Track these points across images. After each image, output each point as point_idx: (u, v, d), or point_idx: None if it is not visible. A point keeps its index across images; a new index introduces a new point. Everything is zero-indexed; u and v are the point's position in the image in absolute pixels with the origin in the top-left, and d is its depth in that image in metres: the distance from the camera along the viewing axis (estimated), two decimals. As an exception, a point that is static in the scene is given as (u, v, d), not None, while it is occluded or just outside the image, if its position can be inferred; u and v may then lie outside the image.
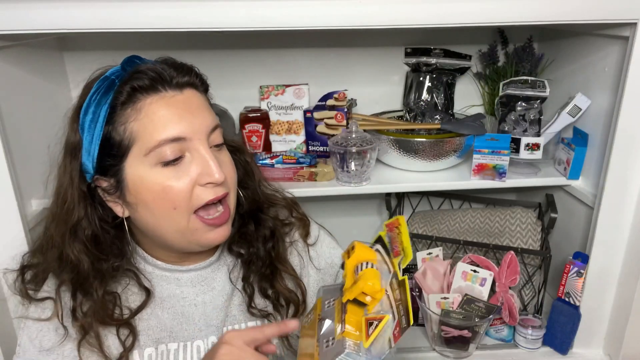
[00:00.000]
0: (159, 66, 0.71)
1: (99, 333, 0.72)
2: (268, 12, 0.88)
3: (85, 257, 0.72)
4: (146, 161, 0.68)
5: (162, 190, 0.69)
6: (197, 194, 0.70)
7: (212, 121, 0.73)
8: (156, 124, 0.68)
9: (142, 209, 0.71)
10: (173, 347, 0.77)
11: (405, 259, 0.65)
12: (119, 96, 0.68)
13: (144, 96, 0.68)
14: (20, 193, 0.95)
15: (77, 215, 0.72)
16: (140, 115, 0.68)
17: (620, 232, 1.05)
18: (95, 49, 1.26)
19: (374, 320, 0.61)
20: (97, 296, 0.72)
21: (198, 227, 0.72)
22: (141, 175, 0.69)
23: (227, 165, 0.75)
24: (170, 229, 0.72)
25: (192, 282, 0.80)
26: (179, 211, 0.70)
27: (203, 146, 0.70)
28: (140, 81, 0.68)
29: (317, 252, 0.91)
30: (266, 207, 0.87)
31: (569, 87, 1.21)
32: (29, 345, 0.72)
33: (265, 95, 1.27)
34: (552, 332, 1.16)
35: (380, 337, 0.60)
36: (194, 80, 0.74)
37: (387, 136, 1.18)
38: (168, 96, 0.69)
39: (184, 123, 0.69)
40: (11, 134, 0.94)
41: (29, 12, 0.84)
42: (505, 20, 0.93)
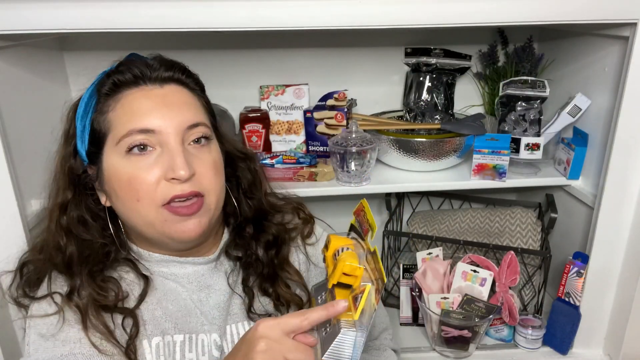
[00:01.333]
0: (145, 61, 0.72)
1: (104, 320, 0.71)
2: (268, 12, 0.88)
3: (71, 239, 0.73)
4: (117, 150, 0.70)
5: (127, 180, 0.69)
6: (162, 189, 0.69)
7: (192, 118, 0.72)
8: (128, 115, 0.69)
9: (114, 199, 0.73)
10: (179, 339, 0.76)
11: (372, 232, 0.68)
12: (102, 88, 0.71)
13: (125, 89, 0.71)
14: (20, 193, 0.95)
15: (64, 197, 0.74)
16: (117, 106, 0.70)
17: (620, 232, 1.05)
18: (95, 49, 1.26)
19: (358, 294, 0.62)
20: (89, 279, 0.72)
21: (167, 218, 0.70)
22: (113, 164, 0.71)
23: (204, 165, 0.72)
24: (138, 220, 0.72)
25: (189, 278, 0.79)
26: (142, 203, 0.69)
27: (174, 141, 0.69)
28: (122, 75, 0.71)
29: (318, 251, 0.91)
30: (271, 214, 0.87)
31: (569, 87, 1.21)
32: (41, 341, 0.71)
33: (265, 95, 1.27)
34: (552, 332, 1.16)
35: (366, 305, 0.61)
36: (178, 76, 0.74)
37: (387, 136, 1.18)
38: (147, 89, 0.71)
39: (155, 115, 0.69)
40: (11, 134, 0.94)
41: (29, 12, 0.84)
42: (505, 20, 0.93)
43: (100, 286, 0.72)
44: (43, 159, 0.81)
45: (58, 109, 0.78)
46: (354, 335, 0.60)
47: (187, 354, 0.76)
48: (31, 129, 1.03)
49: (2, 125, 0.91)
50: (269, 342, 0.58)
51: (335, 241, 0.70)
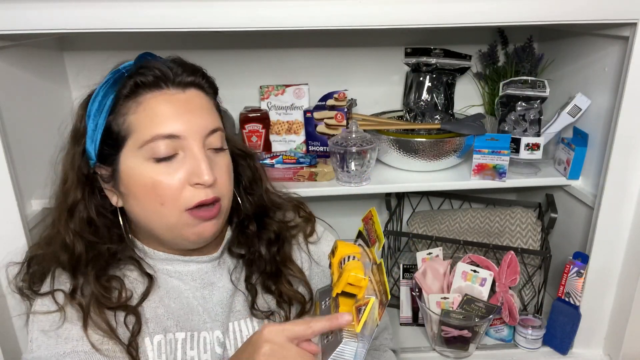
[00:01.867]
0: (166, 64, 0.72)
1: (106, 318, 0.71)
2: (268, 12, 0.89)
3: (79, 239, 0.73)
4: (139, 154, 0.70)
5: (151, 185, 0.69)
6: (187, 194, 0.70)
7: (212, 123, 0.73)
8: (153, 119, 0.69)
9: (132, 201, 0.72)
10: (180, 337, 0.77)
11: (379, 244, 0.68)
12: (123, 89, 0.70)
13: (146, 91, 0.70)
14: (20, 193, 0.95)
15: (74, 198, 0.74)
16: (139, 109, 0.69)
17: (620, 232, 1.05)
18: (95, 49, 1.26)
19: (361, 306, 0.63)
20: (95, 279, 0.72)
21: (189, 222, 0.72)
22: (133, 167, 0.70)
23: (221, 169, 0.74)
24: (158, 223, 0.72)
25: (193, 276, 0.79)
26: (166, 207, 0.70)
27: (197, 146, 0.70)
28: (144, 76, 0.70)
29: (320, 250, 0.92)
30: (272, 211, 0.88)
31: (569, 87, 1.21)
32: (44, 338, 0.71)
33: (265, 95, 1.27)
34: (552, 332, 1.16)
35: (369, 319, 0.62)
36: (199, 81, 0.74)
37: (387, 136, 1.18)
38: (169, 93, 0.70)
39: (180, 121, 0.69)
40: (11, 134, 0.94)
41: (29, 12, 0.84)
42: (505, 20, 0.93)
43: (104, 286, 0.72)
44: (43, 159, 0.81)
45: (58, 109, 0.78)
46: (355, 346, 0.61)
47: (189, 351, 0.76)
48: (31, 129, 1.03)
49: (2, 125, 0.91)
50: (273, 346, 0.60)
51: (342, 248, 0.70)
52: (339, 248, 0.70)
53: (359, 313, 0.62)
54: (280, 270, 0.84)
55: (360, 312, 0.62)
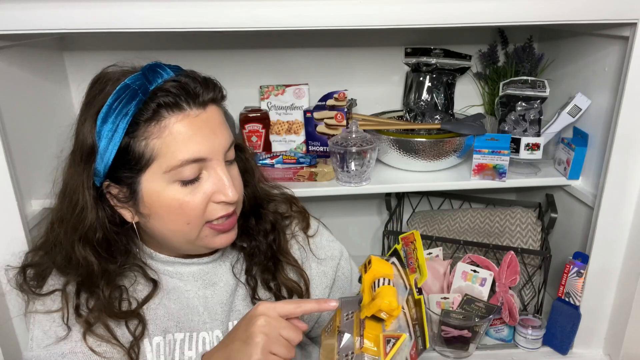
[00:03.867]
0: (183, 81, 0.69)
1: (108, 324, 0.72)
2: (268, 12, 0.88)
3: (94, 260, 0.73)
4: (165, 178, 0.69)
5: (178, 207, 0.70)
6: (210, 210, 0.72)
7: (230, 138, 0.74)
8: (179, 144, 0.68)
9: (155, 220, 0.72)
10: (179, 337, 0.77)
11: (421, 277, 0.67)
12: (144, 112, 0.67)
13: (168, 114, 0.68)
14: (20, 193, 0.95)
15: (89, 221, 0.72)
16: (163, 134, 0.68)
17: (620, 232, 1.05)
18: (95, 49, 1.26)
19: (391, 337, 0.63)
20: (103, 295, 0.73)
21: (208, 234, 0.74)
22: (158, 190, 0.70)
23: (237, 180, 0.76)
24: (181, 239, 0.74)
25: (194, 276, 0.80)
26: (191, 226, 0.72)
27: (220, 166, 0.71)
28: (165, 98, 0.67)
29: (317, 244, 0.92)
30: (266, 202, 0.89)
31: (569, 87, 1.21)
32: (43, 337, 0.72)
33: (265, 95, 1.27)
34: (552, 332, 1.16)
35: (397, 354, 0.61)
36: (216, 96, 0.73)
37: (387, 136, 1.18)
38: (192, 115, 0.69)
39: (206, 144, 0.69)
40: (11, 134, 0.94)
41: (29, 12, 0.84)
42: (505, 20, 0.93)
43: (109, 297, 0.73)
44: (43, 159, 0.81)
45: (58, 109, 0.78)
46: None
47: (187, 351, 0.77)
48: (31, 129, 1.03)
49: (2, 125, 0.91)
50: (268, 319, 0.65)
51: (376, 265, 0.69)
52: (373, 265, 0.69)
53: (387, 343, 0.62)
54: (278, 259, 0.86)
55: (388, 344, 0.62)
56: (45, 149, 0.80)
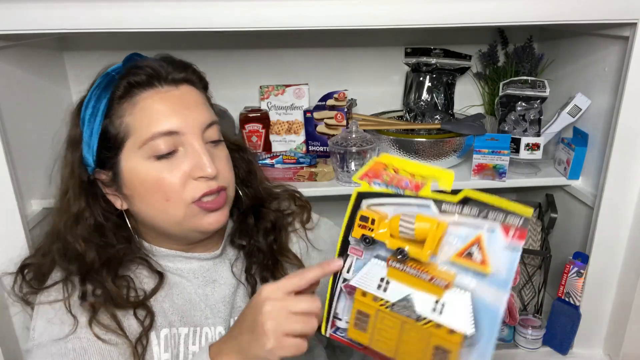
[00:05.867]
0: (156, 62, 0.72)
1: (115, 314, 0.71)
2: (268, 12, 0.88)
3: (90, 246, 0.73)
4: (140, 154, 0.70)
5: (155, 183, 0.70)
6: (190, 188, 0.71)
7: (208, 117, 0.74)
8: (150, 118, 0.70)
9: (137, 202, 0.73)
10: (184, 332, 0.77)
11: (434, 180, 0.58)
12: (117, 90, 0.70)
13: (140, 91, 0.70)
14: (20, 193, 0.95)
15: (78, 207, 0.74)
16: (135, 109, 0.70)
17: (620, 232, 1.05)
18: (95, 49, 1.26)
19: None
20: (108, 282, 0.72)
21: (196, 214, 0.72)
22: (135, 167, 0.71)
23: (222, 161, 0.75)
24: (166, 220, 0.73)
25: (195, 273, 0.80)
26: (171, 202, 0.71)
27: (197, 141, 0.71)
28: (137, 76, 0.70)
29: (316, 235, 0.92)
30: (268, 201, 0.89)
31: (569, 87, 1.21)
32: (46, 325, 0.70)
33: (265, 95, 1.27)
34: (552, 332, 1.16)
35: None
36: (190, 77, 0.75)
37: (387, 136, 1.18)
38: (163, 91, 0.71)
39: (178, 117, 0.70)
40: (11, 134, 0.94)
41: (29, 12, 0.84)
42: (505, 20, 0.93)
43: (115, 286, 0.72)
44: (43, 159, 0.81)
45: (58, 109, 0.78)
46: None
47: (191, 346, 0.77)
48: (31, 129, 1.03)
49: (2, 125, 0.92)
50: (273, 302, 0.60)
51: (382, 223, 0.60)
52: (380, 224, 0.61)
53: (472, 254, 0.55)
54: (277, 259, 0.85)
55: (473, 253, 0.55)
56: (45, 149, 0.80)
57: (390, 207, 0.60)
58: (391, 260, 0.59)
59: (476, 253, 0.54)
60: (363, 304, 0.60)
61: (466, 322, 0.54)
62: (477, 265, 0.54)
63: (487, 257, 0.54)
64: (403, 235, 0.58)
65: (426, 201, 0.58)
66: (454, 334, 0.54)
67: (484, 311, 0.53)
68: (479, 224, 0.55)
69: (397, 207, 0.60)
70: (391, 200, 0.60)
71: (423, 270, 0.57)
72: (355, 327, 0.61)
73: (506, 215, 0.54)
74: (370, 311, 0.60)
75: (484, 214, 0.55)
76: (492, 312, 0.53)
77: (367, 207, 0.62)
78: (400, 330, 0.58)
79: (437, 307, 0.55)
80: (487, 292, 0.54)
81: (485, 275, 0.54)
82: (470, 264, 0.55)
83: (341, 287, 0.64)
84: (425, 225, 0.57)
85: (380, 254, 0.61)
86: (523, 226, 0.53)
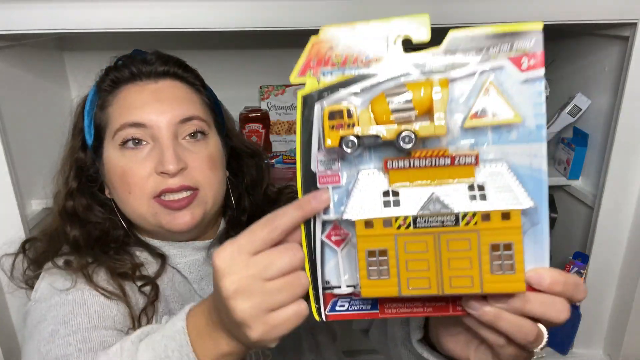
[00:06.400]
0: (142, 57, 0.74)
1: (120, 283, 0.70)
2: (268, 12, 0.89)
3: (77, 224, 0.74)
4: (112, 144, 0.72)
5: (121, 173, 0.71)
6: (153, 183, 0.69)
7: (186, 111, 0.72)
8: (123, 109, 0.71)
9: (111, 191, 0.75)
10: None
11: (408, 30, 0.46)
12: (102, 84, 0.74)
13: (123, 84, 0.73)
14: (20, 193, 0.95)
15: (70, 186, 0.76)
16: (114, 101, 0.73)
17: (620, 232, 1.05)
18: (95, 49, 1.26)
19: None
20: (112, 255, 0.72)
21: (158, 211, 0.70)
22: (109, 157, 0.72)
23: (198, 158, 0.71)
24: (131, 212, 0.73)
25: (190, 269, 0.79)
26: (133, 196, 0.70)
27: (166, 135, 0.70)
28: (118, 71, 0.73)
29: None
30: (269, 205, 0.87)
31: (569, 87, 1.21)
32: (49, 285, 0.69)
33: (265, 95, 1.27)
34: (552, 332, 1.16)
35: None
36: (174, 70, 0.75)
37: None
38: (141, 84, 0.73)
39: (147, 110, 0.70)
40: (11, 134, 0.94)
41: (29, 12, 0.84)
42: (505, 20, 0.93)
43: (114, 258, 0.72)
44: (43, 159, 0.81)
45: (58, 109, 0.79)
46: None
47: None
48: (31, 129, 1.03)
49: (2, 125, 0.91)
50: (236, 275, 0.43)
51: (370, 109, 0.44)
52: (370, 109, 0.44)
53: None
54: None
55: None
56: (45, 149, 0.80)
57: (357, 97, 0.44)
58: (390, 162, 0.43)
59: (491, 106, 0.42)
60: (372, 239, 0.43)
61: (518, 194, 0.41)
62: (498, 120, 0.42)
63: (507, 104, 0.42)
64: (398, 117, 0.42)
65: (403, 67, 0.44)
66: (508, 218, 0.41)
67: (525, 178, 0.42)
68: (481, 68, 0.42)
69: (366, 93, 0.44)
70: (355, 88, 0.44)
71: (439, 154, 0.42)
72: (372, 278, 0.43)
73: (511, 43, 0.41)
74: (386, 243, 0.42)
75: (483, 53, 0.42)
76: (535, 173, 0.42)
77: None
78: (435, 249, 0.42)
79: (475, 192, 0.42)
80: (519, 151, 0.42)
81: (511, 129, 0.42)
82: (490, 121, 0.42)
83: (322, 240, 0.46)
84: (422, 90, 0.42)
85: (366, 164, 0.45)
86: (536, 48, 0.41)
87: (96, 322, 0.64)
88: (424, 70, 0.43)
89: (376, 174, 0.44)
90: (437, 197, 0.42)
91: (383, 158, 0.43)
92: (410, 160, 0.43)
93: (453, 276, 0.42)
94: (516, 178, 0.42)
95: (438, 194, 0.42)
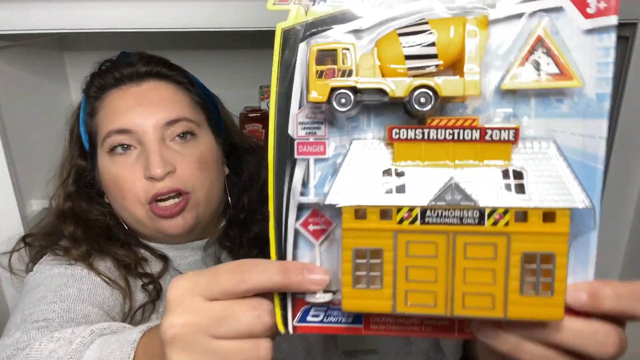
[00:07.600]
0: (127, 60, 0.74)
1: (126, 277, 0.70)
2: (268, 12, 0.88)
3: (79, 223, 0.74)
4: (102, 151, 0.72)
5: (113, 180, 0.71)
6: (143, 187, 0.69)
7: (170, 114, 0.70)
8: (109, 116, 0.71)
9: (109, 199, 0.75)
10: None
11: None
12: (89, 91, 0.74)
13: (108, 90, 0.73)
14: (20, 193, 0.95)
15: (69, 187, 0.76)
16: (100, 107, 0.73)
17: (620, 232, 1.05)
18: (95, 49, 1.26)
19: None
20: (116, 250, 0.72)
21: (151, 217, 0.71)
22: (102, 164, 0.73)
23: (187, 160, 0.70)
24: (129, 218, 0.73)
25: (191, 268, 0.79)
26: (127, 201, 0.70)
27: (151, 139, 0.69)
28: (102, 77, 0.73)
29: None
30: (265, 206, 0.86)
31: (569, 87, 1.21)
32: (50, 265, 0.69)
33: (265, 95, 1.27)
34: (552, 332, 1.16)
35: None
36: (157, 70, 0.74)
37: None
38: (124, 88, 0.72)
39: (131, 115, 0.69)
40: (11, 134, 0.94)
41: (29, 12, 0.84)
42: (505, 20, 0.93)
43: (120, 250, 0.72)
44: (43, 159, 0.81)
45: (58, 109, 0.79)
46: None
47: None
48: (31, 129, 1.03)
49: (2, 125, 0.92)
50: (179, 317, 0.35)
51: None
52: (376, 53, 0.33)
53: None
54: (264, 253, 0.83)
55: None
56: (45, 149, 0.80)
57: (359, 36, 0.33)
58: (396, 130, 0.31)
59: (541, 62, 0.31)
60: (363, 234, 0.31)
61: (571, 188, 0.30)
62: (549, 83, 0.30)
63: (564, 61, 0.30)
64: (413, 66, 0.31)
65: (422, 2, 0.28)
66: (553, 220, 0.29)
67: (574, 165, 0.30)
68: (531, 8, 0.32)
69: (371, 31, 0.33)
70: (357, 24, 0.33)
71: (464, 124, 0.30)
72: (358, 286, 0.32)
73: None
74: (382, 241, 0.31)
75: None
76: (588, 160, 0.30)
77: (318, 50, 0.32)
78: (448, 254, 0.30)
79: (510, 181, 0.30)
80: (571, 128, 0.30)
81: (563, 98, 0.31)
82: (537, 84, 0.30)
83: (296, 228, 0.35)
84: (452, 30, 0.29)
85: (363, 132, 0.33)
86: None
87: (85, 296, 0.64)
88: (452, 5, 0.31)
89: (376, 146, 0.32)
90: (456, 183, 0.30)
91: (387, 124, 0.32)
92: (425, 131, 0.31)
93: (468, 293, 0.30)
94: (567, 165, 0.30)
95: (459, 179, 0.30)
